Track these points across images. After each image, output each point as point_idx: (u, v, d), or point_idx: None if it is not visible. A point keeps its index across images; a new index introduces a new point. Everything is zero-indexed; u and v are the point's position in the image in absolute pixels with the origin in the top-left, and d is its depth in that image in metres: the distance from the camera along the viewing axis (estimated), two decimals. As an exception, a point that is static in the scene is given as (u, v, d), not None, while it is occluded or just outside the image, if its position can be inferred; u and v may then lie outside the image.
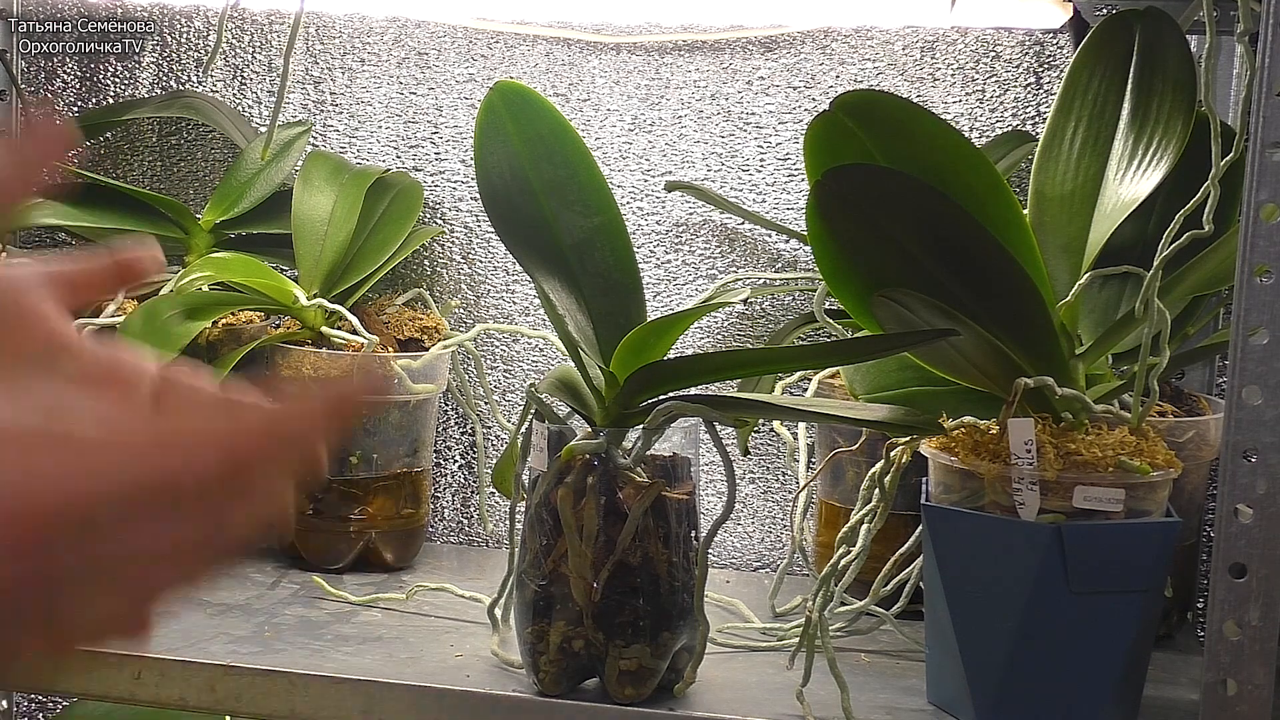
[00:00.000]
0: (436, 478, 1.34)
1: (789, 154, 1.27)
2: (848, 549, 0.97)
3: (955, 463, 0.90)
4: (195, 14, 1.37)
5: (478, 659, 1.00)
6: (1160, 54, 1.00)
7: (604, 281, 0.97)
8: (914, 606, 1.02)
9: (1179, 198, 0.93)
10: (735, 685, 0.97)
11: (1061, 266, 0.97)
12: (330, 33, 1.35)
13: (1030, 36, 1.23)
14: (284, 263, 1.25)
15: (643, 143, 1.30)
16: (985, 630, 0.90)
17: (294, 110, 1.36)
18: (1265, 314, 0.79)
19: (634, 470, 0.91)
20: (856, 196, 0.87)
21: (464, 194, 1.33)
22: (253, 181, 1.27)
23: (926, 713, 0.95)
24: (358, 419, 1.15)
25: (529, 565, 0.93)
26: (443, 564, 1.26)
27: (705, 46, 1.29)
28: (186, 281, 1.16)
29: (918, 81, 1.25)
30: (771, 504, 1.30)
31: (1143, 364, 0.90)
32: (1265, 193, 0.79)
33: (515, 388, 1.33)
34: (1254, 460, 0.80)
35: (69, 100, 1.40)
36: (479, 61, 1.32)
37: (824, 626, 0.93)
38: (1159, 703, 0.96)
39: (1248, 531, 0.80)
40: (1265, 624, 0.80)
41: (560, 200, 0.97)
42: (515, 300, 1.33)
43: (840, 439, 1.12)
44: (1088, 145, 1.00)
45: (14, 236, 1.34)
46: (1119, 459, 0.88)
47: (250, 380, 1.26)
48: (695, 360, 1.05)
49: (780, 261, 1.28)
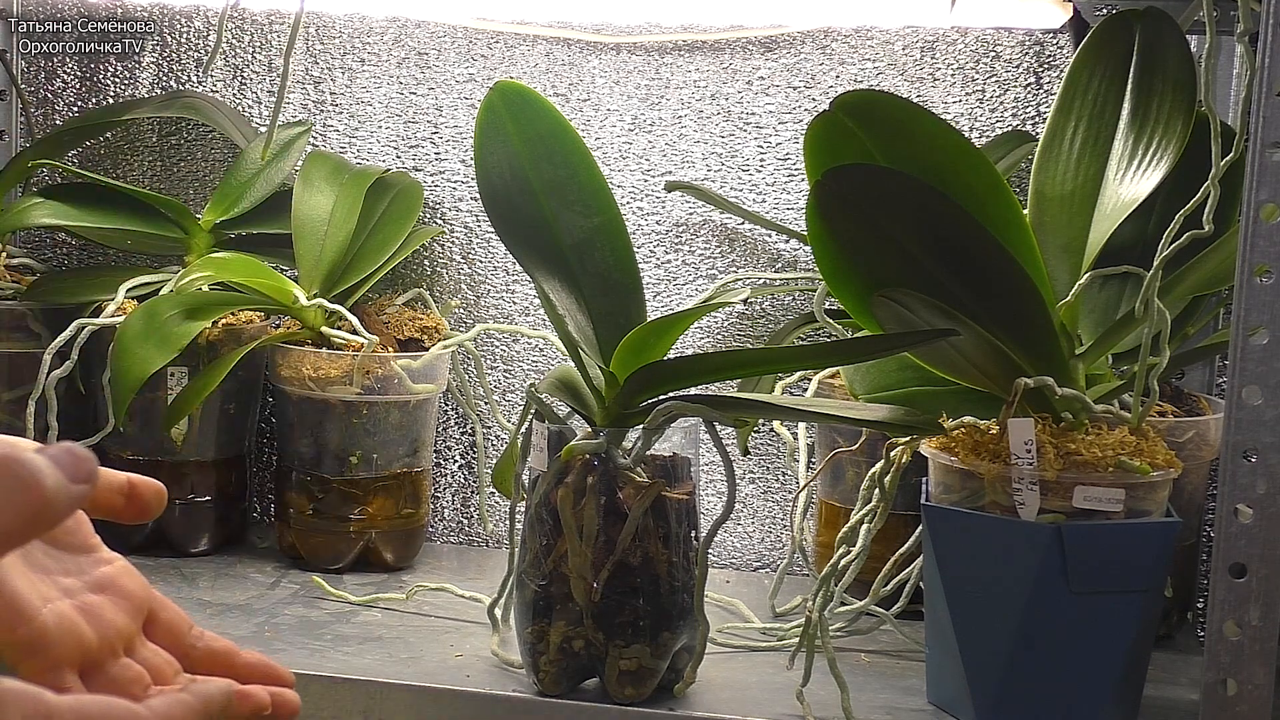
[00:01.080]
0: (436, 478, 1.34)
1: (789, 154, 1.27)
2: (848, 549, 0.97)
3: (955, 463, 0.90)
4: (195, 14, 1.37)
5: (478, 659, 1.00)
6: (1160, 54, 1.00)
7: (604, 281, 0.97)
8: (914, 606, 1.02)
9: (1179, 198, 0.93)
10: (735, 685, 0.97)
11: (1061, 266, 0.97)
12: (330, 33, 1.35)
13: (1030, 36, 1.23)
14: (284, 263, 1.25)
15: (643, 143, 1.30)
16: (985, 630, 0.90)
17: (294, 110, 1.36)
18: (1265, 314, 0.79)
19: (634, 470, 0.91)
20: (856, 196, 0.87)
21: (464, 194, 1.33)
22: (253, 181, 1.27)
23: (926, 713, 0.95)
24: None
25: (529, 565, 0.93)
26: (443, 564, 1.26)
27: (705, 46, 1.29)
28: (186, 281, 1.16)
29: (918, 81, 1.25)
30: (771, 504, 1.30)
31: (1143, 364, 0.90)
32: (1265, 193, 0.79)
33: (515, 388, 1.33)
34: (1254, 460, 0.80)
35: (69, 100, 1.40)
36: (479, 61, 1.32)
37: (824, 626, 0.93)
38: (1159, 703, 0.96)
39: (1248, 531, 0.80)
40: (1265, 624, 0.80)
41: (560, 200, 0.97)
42: (515, 300, 1.33)
43: (840, 439, 1.12)
44: (1088, 145, 1.00)
45: (14, 236, 1.34)
46: (1119, 459, 0.88)
47: (249, 382, 1.26)
48: (695, 360, 1.05)
49: (780, 261, 1.28)
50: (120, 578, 0.64)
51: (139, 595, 0.64)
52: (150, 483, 0.65)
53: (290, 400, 1.19)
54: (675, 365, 0.96)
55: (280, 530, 1.22)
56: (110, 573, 0.64)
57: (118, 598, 0.63)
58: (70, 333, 1.15)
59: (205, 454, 1.22)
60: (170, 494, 0.80)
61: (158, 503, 0.65)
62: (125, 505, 0.64)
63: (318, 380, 1.16)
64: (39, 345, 1.20)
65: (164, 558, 1.21)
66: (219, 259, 1.19)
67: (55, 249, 1.41)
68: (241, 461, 1.26)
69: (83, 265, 1.40)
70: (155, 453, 1.21)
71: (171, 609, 0.65)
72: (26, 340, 1.24)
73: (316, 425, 1.18)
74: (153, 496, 0.65)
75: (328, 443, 1.18)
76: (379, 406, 1.18)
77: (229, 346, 1.19)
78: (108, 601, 0.62)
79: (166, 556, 1.21)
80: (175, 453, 1.20)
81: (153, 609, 0.65)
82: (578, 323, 0.94)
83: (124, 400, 1.09)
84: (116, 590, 0.63)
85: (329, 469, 1.18)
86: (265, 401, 1.31)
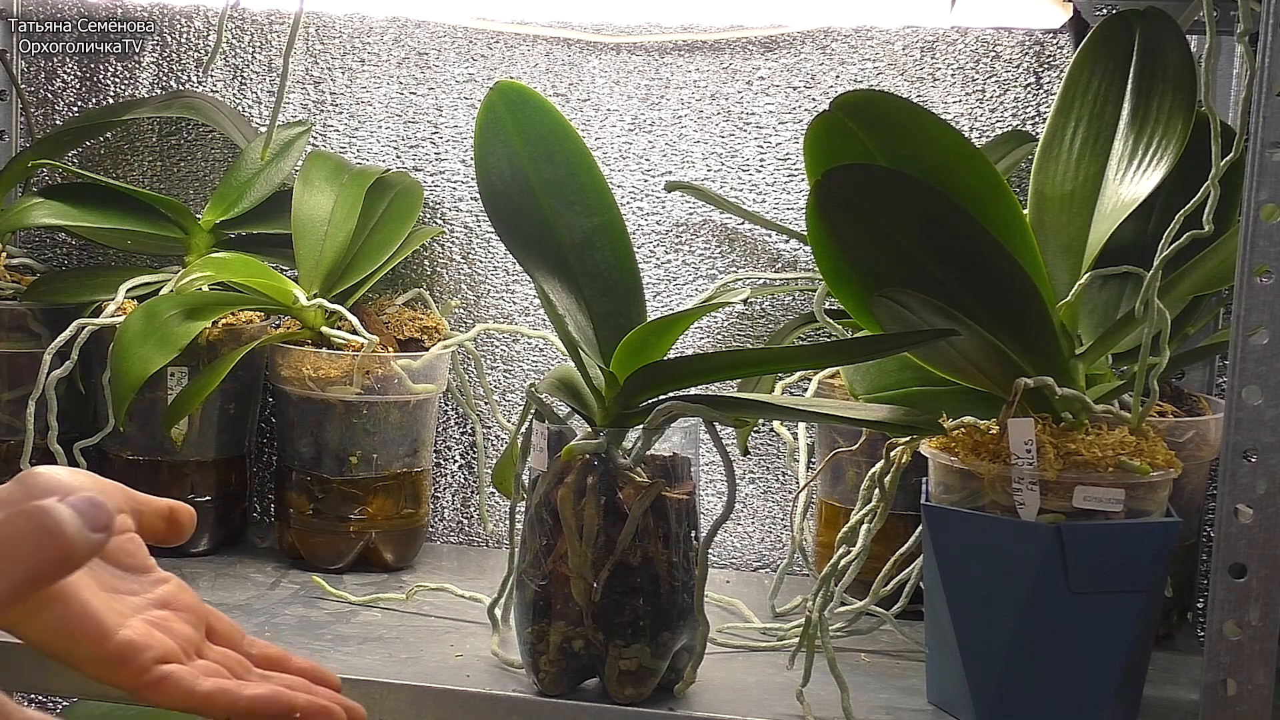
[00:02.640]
0: (436, 478, 1.34)
1: (789, 154, 1.27)
2: (848, 549, 0.97)
3: (955, 463, 0.90)
4: (195, 14, 1.37)
5: (478, 659, 1.00)
6: (1160, 54, 1.00)
7: (604, 281, 0.97)
8: (914, 606, 1.02)
9: (1179, 198, 0.93)
10: (735, 685, 0.97)
11: (1061, 266, 0.97)
12: (330, 33, 1.35)
13: (1030, 36, 1.23)
14: (284, 263, 1.25)
15: (643, 143, 1.30)
16: (985, 630, 0.90)
17: (294, 110, 1.36)
18: (1265, 314, 0.79)
19: (634, 470, 0.91)
20: (856, 196, 0.87)
21: (464, 194, 1.33)
22: (253, 181, 1.27)
23: (926, 713, 0.95)
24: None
25: (529, 565, 0.93)
26: (443, 564, 1.26)
27: (705, 46, 1.29)
28: (186, 281, 1.16)
29: (918, 81, 1.25)
30: (771, 504, 1.30)
31: (1143, 364, 0.90)
32: (1265, 193, 0.79)
33: (515, 388, 1.33)
34: (1254, 460, 0.80)
35: (69, 100, 1.40)
36: (479, 61, 1.32)
37: (824, 626, 0.93)
38: (1159, 703, 0.96)
39: (1248, 531, 0.80)
40: (1265, 624, 0.80)
41: (560, 200, 0.97)
42: (515, 300, 1.33)
43: (840, 439, 1.12)
44: (1088, 145, 1.00)
45: (14, 236, 1.34)
46: (1119, 459, 0.88)
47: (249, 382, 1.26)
48: (695, 360, 1.05)
49: (780, 261, 1.28)
50: (178, 594, 0.70)
51: (197, 608, 0.70)
52: (185, 508, 0.73)
53: (290, 400, 1.19)
54: (675, 365, 0.96)
55: (280, 530, 1.22)
56: (170, 590, 0.70)
57: (180, 610, 0.69)
58: (70, 333, 1.15)
59: (205, 454, 1.22)
60: (171, 494, 0.81)
61: (190, 525, 0.73)
62: (166, 529, 0.72)
63: (318, 380, 1.16)
64: (39, 345, 1.20)
65: (164, 557, 1.18)
66: (219, 259, 1.19)
67: (55, 249, 1.41)
68: (241, 461, 1.26)
69: (83, 265, 1.40)
70: (155, 453, 1.21)
71: (224, 620, 0.71)
72: (26, 340, 1.24)
73: (316, 425, 1.18)
74: (188, 520, 0.73)
75: (328, 443, 1.18)
76: (379, 406, 1.18)
77: (229, 346, 1.19)
78: (173, 615, 0.68)
79: (166, 556, 1.20)
80: (175, 453, 1.20)
81: (209, 621, 0.71)
82: (578, 323, 0.94)
83: (124, 400, 1.09)
84: (178, 605, 0.69)
85: (329, 469, 1.18)
86: (265, 401, 1.31)
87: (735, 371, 1.07)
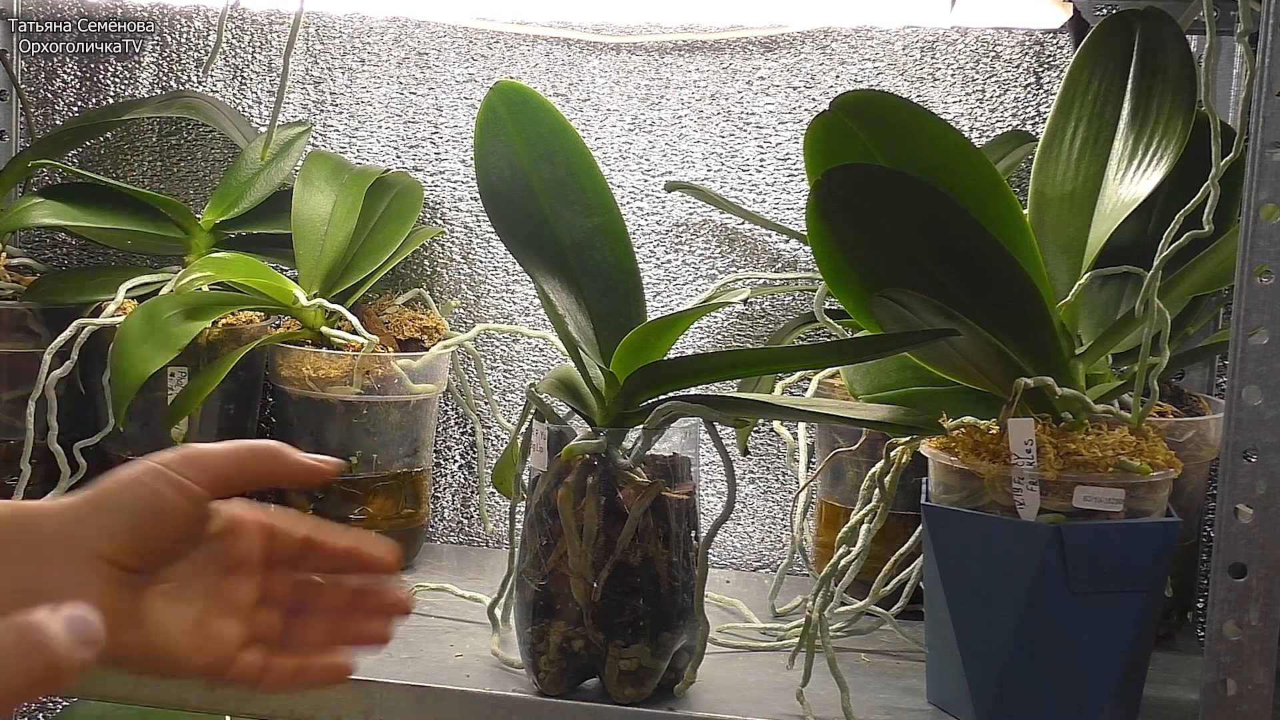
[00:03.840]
0: (436, 478, 1.34)
1: (789, 154, 1.27)
2: (848, 549, 0.97)
3: (955, 463, 0.90)
4: (195, 14, 1.37)
5: (478, 659, 1.00)
6: (1160, 54, 1.00)
7: (604, 281, 0.97)
8: (914, 606, 1.02)
9: (1179, 198, 0.93)
10: (735, 685, 0.97)
11: (1061, 266, 0.97)
12: (330, 33, 1.35)
13: (1030, 36, 1.23)
14: (284, 263, 1.25)
15: (643, 143, 1.30)
16: (985, 630, 0.90)
17: (294, 110, 1.36)
18: (1265, 314, 0.79)
19: (634, 470, 0.91)
20: (856, 196, 0.87)
21: (464, 194, 1.33)
22: (253, 181, 1.27)
23: (926, 713, 0.95)
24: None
25: (529, 565, 0.93)
26: (443, 564, 1.26)
27: (705, 46, 1.29)
28: (186, 281, 1.16)
29: (918, 81, 1.25)
30: (771, 504, 1.30)
31: (1143, 364, 0.90)
32: (1265, 193, 0.79)
33: (515, 388, 1.33)
34: (1254, 460, 0.80)
35: (69, 100, 1.40)
36: (479, 61, 1.32)
37: (824, 626, 0.93)
38: (1159, 703, 0.96)
39: (1248, 531, 0.80)
40: (1265, 624, 0.80)
41: (560, 200, 0.97)
42: (515, 300, 1.33)
43: (840, 439, 1.12)
44: (1088, 145, 1.00)
45: (14, 236, 1.34)
46: (1119, 459, 0.88)
47: (249, 382, 1.26)
48: (695, 360, 1.05)
49: (780, 261, 1.28)
50: (233, 541, 0.71)
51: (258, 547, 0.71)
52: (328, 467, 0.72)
53: (290, 400, 1.19)
54: (675, 365, 0.96)
55: (280, 530, 1.22)
56: (222, 545, 0.70)
57: (232, 568, 0.70)
58: (70, 333, 1.15)
59: (205, 454, 1.22)
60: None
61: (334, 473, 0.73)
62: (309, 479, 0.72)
63: (318, 380, 1.16)
64: (39, 345, 1.20)
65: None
66: (219, 259, 1.19)
67: (55, 249, 1.41)
68: (241, 461, 1.26)
69: (83, 265, 1.40)
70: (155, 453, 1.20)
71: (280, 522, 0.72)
72: (26, 340, 1.23)
73: (316, 425, 1.18)
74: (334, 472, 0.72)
75: (328, 443, 1.18)
76: (379, 406, 1.18)
77: (229, 346, 1.19)
78: (226, 579, 0.70)
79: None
80: (175, 453, 1.20)
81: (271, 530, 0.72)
82: (578, 323, 0.94)
83: (124, 400, 1.09)
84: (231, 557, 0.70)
85: (329, 469, 1.18)
86: (265, 401, 1.31)
87: (735, 371, 1.07)
